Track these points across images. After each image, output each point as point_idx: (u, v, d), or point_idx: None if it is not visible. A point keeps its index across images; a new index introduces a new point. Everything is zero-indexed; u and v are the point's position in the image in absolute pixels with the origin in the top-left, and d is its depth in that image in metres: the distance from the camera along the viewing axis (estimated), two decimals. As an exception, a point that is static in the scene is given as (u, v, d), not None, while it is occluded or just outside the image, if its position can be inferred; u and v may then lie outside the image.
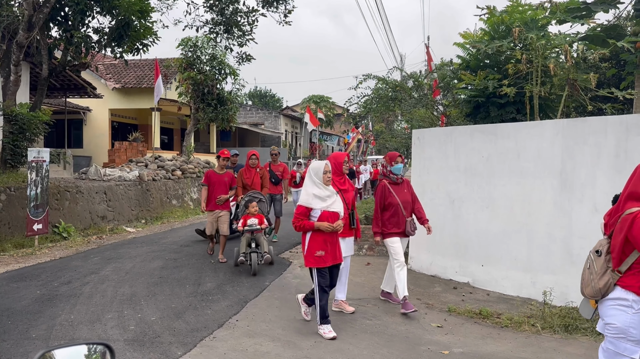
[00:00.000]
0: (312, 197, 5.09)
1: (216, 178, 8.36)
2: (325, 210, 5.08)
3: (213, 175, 8.40)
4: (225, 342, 4.91)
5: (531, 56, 7.87)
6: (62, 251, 9.54)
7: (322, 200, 5.09)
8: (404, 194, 6.13)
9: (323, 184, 5.14)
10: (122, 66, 21.60)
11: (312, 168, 5.23)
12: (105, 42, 11.41)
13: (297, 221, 5.14)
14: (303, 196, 5.16)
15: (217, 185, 8.32)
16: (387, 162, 6.23)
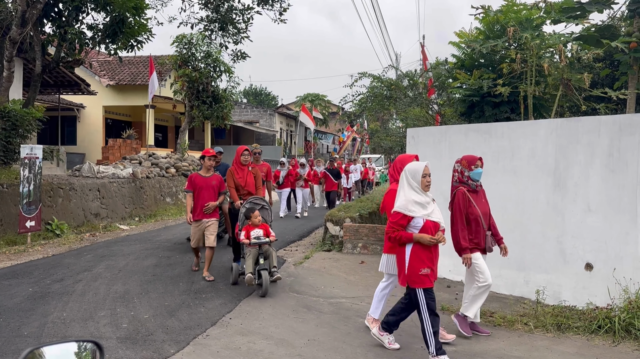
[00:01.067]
0: (412, 203, 4.36)
1: (202, 182, 7.17)
2: (428, 219, 4.36)
3: (198, 179, 7.19)
4: (219, 340, 4.90)
5: (526, 56, 7.90)
6: (55, 248, 9.50)
7: (423, 207, 4.37)
8: (483, 204, 5.28)
9: (422, 189, 4.42)
10: (116, 63, 21.53)
11: (408, 169, 4.47)
12: (99, 38, 11.36)
13: (392, 232, 4.40)
14: (401, 201, 4.41)
15: (204, 190, 7.14)
16: (464, 167, 5.30)
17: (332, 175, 15.93)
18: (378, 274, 7.77)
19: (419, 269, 4.33)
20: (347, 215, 9.99)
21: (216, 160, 8.39)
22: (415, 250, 4.35)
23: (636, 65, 8.26)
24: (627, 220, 5.65)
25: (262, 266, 6.48)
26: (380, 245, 9.20)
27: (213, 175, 7.33)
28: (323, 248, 9.53)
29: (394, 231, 4.38)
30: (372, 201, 12.32)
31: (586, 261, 5.91)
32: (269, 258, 6.58)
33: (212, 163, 7.32)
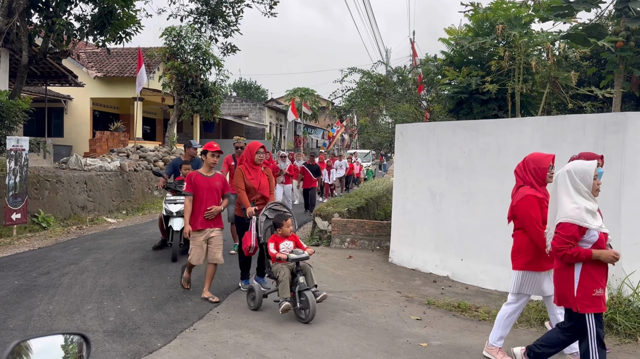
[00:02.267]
0: (585, 212, 3.65)
1: (204, 183, 5.95)
2: (602, 231, 3.71)
3: (200, 179, 5.95)
4: (206, 334, 4.92)
5: (514, 53, 7.96)
6: (41, 241, 9.43)
7: (595, 217, 3.71)
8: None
9: (592, 195, 3.75)
10: (104, 54, 21.32)
11: (576, 171, 3.75)
12: (87, 30, 11.25)
13: (567, 248, 3.63)
14: (571, 210, 3.66)
15: (207, 192, 5.95)
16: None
17: (311, 171, 14.95)
18: (365, 268, 7.84)
19: (593, 290, 3.65)
20: (335, 210, 10.03)
21: (191, 154, 8.28)
22: (588, 268, 3.67)
23: (622, 64, 8.37)
24: (610, 218, 5.72)
25: (303, 285, 5.35)
26: (369, 240, 9.26)
27: (216, 175, 6.13)
28: (311, 243, 9.56)
29: (570, 246, 3.61)
30: (360, 196, 12.37)
31: (570, 257, 5.99)
32: (307, 275, 5.49)
33: (215, 161, 6.04)
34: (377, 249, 9.19)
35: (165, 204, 8.01)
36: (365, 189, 14.79)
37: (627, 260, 5.57)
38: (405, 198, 8.10)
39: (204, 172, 6.10)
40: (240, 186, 6.12)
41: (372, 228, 9.35)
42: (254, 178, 6.21)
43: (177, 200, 7.90)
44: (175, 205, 7.88)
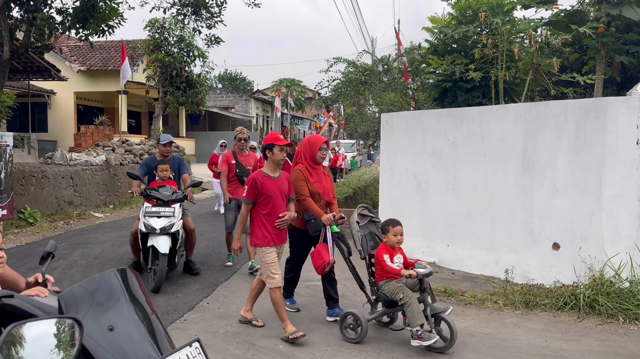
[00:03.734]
0: None
1: (273, 187, 4.70)
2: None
3: (267, 182, 4.69)
4: (196, 324, 4.96)
5: (497, 41, 8.04)
6: (28, 237, 9.38)
7: None
8: None
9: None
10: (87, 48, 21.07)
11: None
12: (69, 23, 11.11)
13: None
14: None
15: (277, 198, 4.71)
16: None
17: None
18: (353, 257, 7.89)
19: None
20: (323, 199, 10.07)
21: (164, 152, 6.71)
22: None
23: (604, 50, 8.48)
24: (592, 201, 5.85)
25: (437, 308, 4.39)
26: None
27: (282, 175, 4.92)
28: (299, 233, 9.60)
29: None
30: (348, 186, 12.44)
31: (553, 241, 6.12)
32: (431, 294, 4.63)
33: (284, 157, 4.85)
34: (365, 237, 9.27)
35: (145, 218, 6.10)
36: (352, 179, 14.87)
37: (609, 242, 5.71)
38: (391, 187, 8.17)
39: (269, 171, 4.78)
40: (304, 192, 4.97)
41: (360, 217, 9.41)
42: (317, 181, 5.11)
43: (160, 212, 6.13)
44: (159, 219, 6.07)
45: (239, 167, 7.05)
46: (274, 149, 4.75)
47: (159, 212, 6.17)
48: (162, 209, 6.19)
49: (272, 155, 4.78)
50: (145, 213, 6.14)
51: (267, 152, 4.79)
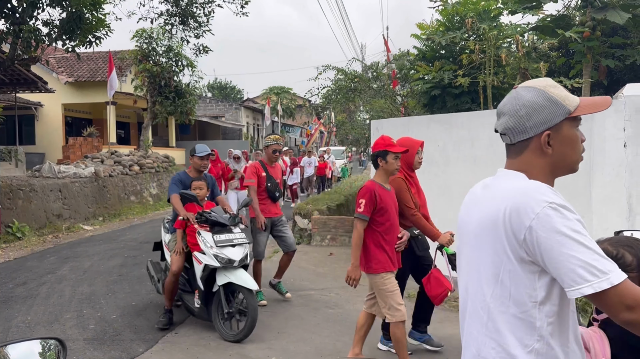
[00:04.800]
0: None
1: (389, 200, 4.01)
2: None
3: (383, 193, 3.98)
4: (188, 337, 4.91)
5: (484, 46, 8.08)
6: (17, 251, 9.26)
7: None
8: None
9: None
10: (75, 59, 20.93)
11: None
12: (56, 35, 11.04)
13: None
14: None
15: (393, 213, 4.05)
16: None
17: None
18: (346, 265, 7.84)
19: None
20: (315, 207, 10.06)
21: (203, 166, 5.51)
22: None
23: (590, 54, 8.56)
24: (581, 204, 5.87)
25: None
26: (349, 236, 9.30)
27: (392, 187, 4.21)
28: (291, 242, 9.56)
29: None
30: (339, 193, 12.43)
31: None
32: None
33: (399, 166, 4.06)
34: (357, 245, 9.25)
35: (214, 248, 4.84)
36: (344, 186, 14.84)
37: (600, 245, 5.73)
38: (383, 193, 8.16)
39: (382, 182, 4.04)
40: (411, 205, 4.30)
41: (352, 224, 9.39)
42: (416, 191, 4.47)
43: (234, 240, 5.00)
44: (234, 248, 4.92)
45: (270, 181, 5.98)
46: (387, 157, 3.96)
47: (232, 240, 4.98)
48: (234, 236, 5.05)
49: (385, 164, 3.97)
50: (217, 243, 4.87)
51: (378, 160, 3.98)
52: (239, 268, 4.86)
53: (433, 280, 4.22)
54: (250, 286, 4.74)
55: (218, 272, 4.83)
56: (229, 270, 4.81)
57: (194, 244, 5.05)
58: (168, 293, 5.13)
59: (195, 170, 5.50)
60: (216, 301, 4.91)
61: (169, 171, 18.87)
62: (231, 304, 4.86)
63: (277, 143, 6.08)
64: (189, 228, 5.12)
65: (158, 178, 17.96)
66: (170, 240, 5.41)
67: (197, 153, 5.43)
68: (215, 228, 5.01)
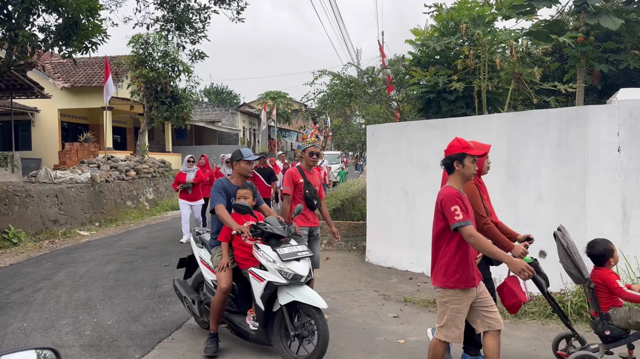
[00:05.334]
0: None
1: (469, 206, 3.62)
2: None
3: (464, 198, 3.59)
4: (184, 343, 4.91)
5: (478, 51, 8.14)
6: (13, 257, 9.24)
7: None
8: None
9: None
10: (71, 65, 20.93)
11: None
12: (52, 41, 11.05)
13: None
14: None
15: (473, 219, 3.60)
16: None
17: (262, 176, 10.90)
18: (343, 269, 7.90)
19: None
20: (310, 212, 10.05)
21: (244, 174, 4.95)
22: None
23: (583, 59, 8.63)
24: (576, 209, 5.91)
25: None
26: (345, 241, 9.33)
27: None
28: (288, 246, 9.56)
29: None
30: (335, 197, 12.43)
31: (539, 249, 6.14)
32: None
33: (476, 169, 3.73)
34: (353, 249, 9.27)
35: (279, 263, 4.30)
36: (340, 190, 14.86)
37: (594, 249, 5.76)
38: (379, 198, 8.19)
39: (458, 187, 3.65)
40: (484, 213, 3.98)
41: (348, 228, 9.42)
42: (487, 197, 4.13)
43: (298, 253, 4.47)
44: (299, 263, 4.41)
45: (308, 187, 5.52)
46: (465, 161, 3.57)
47: (297, 253, 4.45)
48: (297, 249, 4.53)
49: (462, 169, 3.58)
50: (282, 257, 4.32)
51: (455, 164, 3.59)
52: (303, 284, 4.35)
53: (507, 290, 3.93)
54: (319, 304, 4.20)
55: (279, 290, 4.30)
56: (292, 286, 4.29)
57: (244, 259, 4.58)
58: (215, 314, 4.56)
59: (239, 176, 4.95)
60: (278, 323, 4.38)
61: (166, 176, 18.86)
62: (296, 325, 4.32)
63: (314, 146, 5.64)
64: (235, 241, 4.64)
65: (154, 183, 17.95)
66: (213, 255, 4.77)
67: (244, 157, 4.87)
68: (270, 240, 4.47)
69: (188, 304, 5.13)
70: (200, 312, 4.96)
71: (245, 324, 4.59)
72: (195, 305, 5.01)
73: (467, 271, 3.50)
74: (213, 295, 4.68)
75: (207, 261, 4.90)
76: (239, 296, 4.73)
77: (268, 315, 4.37)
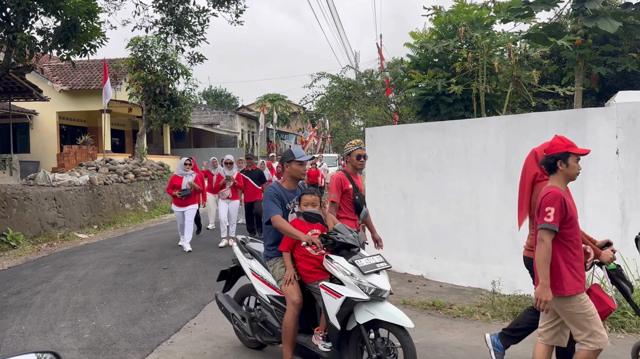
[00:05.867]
0: None
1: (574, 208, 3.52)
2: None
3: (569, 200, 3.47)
4: (183, 346, 4.90)
5: (477, 54, 8.15)
6: (11, 260, 9.22)
7: None
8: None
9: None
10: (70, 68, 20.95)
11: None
12: (50, 43, 11.05)
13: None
14: None
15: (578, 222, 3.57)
16: None
17: (251, 178, 10.60)
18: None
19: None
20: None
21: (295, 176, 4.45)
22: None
23: (581, 62, 8.65)
24: (575, 211, 5.91)
25: None
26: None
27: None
28: (287, 249, 9.55)
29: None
30: (334, 200, 12.41)
31: (538, 251, 6.16)
32: None
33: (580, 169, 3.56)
34: (352, 252, 9.26)
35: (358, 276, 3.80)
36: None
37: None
38: (378, 200, 8.19)
39: (562, 187, 3.46)
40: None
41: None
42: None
43: (377, 264, 3.96)
44: (379, 276, 3.92)
45: (357, 193, 5.13)
46: (569, 160, 3.43)
47: (375, 265, 3.94)
48: (374, 260, 4.01)
49: (565, 168, 3.44)
50: (363, 270, 3.81)
51: (558, 164, 3.42)
52: (383, 300, 3.88)
53: (593, 298, 3.63)
54: (405, 323, 3.75)
55: (357, 306, 3.82)
56: (371, 302, 3.80)
57: (309, 272, 4.10)
58: (289, 335, 4.01)
59: (291, 179, 4.43)
60: (353, 343, 3.91)
61: (164, 179, 18.84)
62: (377, 345, 3.84)
63: (361, 148, 5.20)
64: (298, 252, 4.19)
65: (153, 186, 17.93)
66: (274, 267, 4.28)
67: (296, 157, 4.36)
68: (341, 251, 4.00)
69: (237, 322, 4.65)
70: (253, 331, 4.47)
71: (313, 345, 4.05)
72: (246, 323, 4.52)
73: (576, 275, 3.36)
74: (269, 311, 4.31)
75: (261, 273, 4.43)
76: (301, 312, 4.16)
77: (342, 335, 3.90)
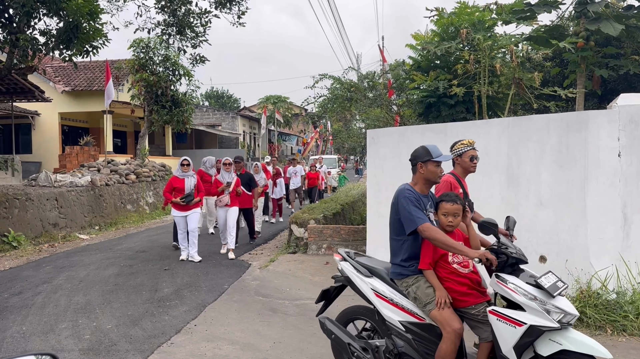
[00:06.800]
0: None
1: None
2: None
3: None
4: (184, 347, 4.89)
5: (479, 56, 8.14)
6: (12, 261, 9.23)
7: None
8: None
9: None
10: (72, 69, 21.01)
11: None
12: (53, 44, 11.08)
13: None
14: None
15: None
16: None
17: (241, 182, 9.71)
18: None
19: None
20: (311, 216, 10.06)
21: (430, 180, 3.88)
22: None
23: (583, 64, 8.63)
24: (576, 214, 5.90)
25: None
26: (345, 245, 9.31)
27: None
28: (288, 251, 9.57)
29: None
30: (335, 202, 12.43)
31: (540, 253, 6.14)
32: None
33: None
34: (353, 254, 9.25)
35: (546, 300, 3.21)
36: (340, 194, 14.85)
37: (594, 254, 5.75)
38: (379, 202, 8.18)
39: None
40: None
41: (348, 233, 9.41)
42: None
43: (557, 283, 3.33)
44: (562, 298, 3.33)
45: (466, 198, 4.66)
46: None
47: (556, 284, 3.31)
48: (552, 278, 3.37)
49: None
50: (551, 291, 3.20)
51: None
52: (569, 327, 3.20)
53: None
54: (604, 354, 3.10)
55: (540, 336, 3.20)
56: (556, 330, 3.16)
57: (463, 294, 3.49)
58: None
59: (425, 183, 3.82)
60: None
61: (166, 180, 18.85)
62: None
63: (474, 148, 4.68)
64: (444, 270, 3.56)
65: (154, 187, 17.94)
66: (417, 288, 3.58)
67: (433, 157, 3.76)
68: (506, 268, 3.45)
69: (356, 354, 3.79)
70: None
71: None
72: (369, 354, 3.73)
73: None
74: (404, 340, 3.60)
75: (389, 295, 3.74)
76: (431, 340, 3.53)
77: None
